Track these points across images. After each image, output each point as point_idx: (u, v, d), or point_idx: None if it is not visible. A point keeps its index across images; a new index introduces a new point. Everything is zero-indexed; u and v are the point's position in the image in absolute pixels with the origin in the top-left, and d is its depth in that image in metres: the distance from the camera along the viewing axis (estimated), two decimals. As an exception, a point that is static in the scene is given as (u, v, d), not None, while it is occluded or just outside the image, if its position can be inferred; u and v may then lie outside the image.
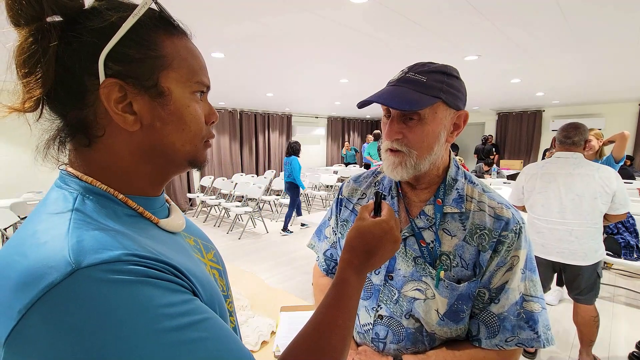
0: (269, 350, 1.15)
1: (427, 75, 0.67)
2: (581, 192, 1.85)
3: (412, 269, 0.73)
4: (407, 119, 0.69)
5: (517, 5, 2.07)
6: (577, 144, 1.92)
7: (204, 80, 0.45)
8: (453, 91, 0.69)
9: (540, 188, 1.98)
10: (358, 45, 2.89)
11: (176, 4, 1.94)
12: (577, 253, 1.89)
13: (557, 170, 1.94)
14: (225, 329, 0.38)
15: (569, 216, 1.89)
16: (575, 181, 1.87)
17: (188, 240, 0.51)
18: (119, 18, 0.38)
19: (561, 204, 1.90)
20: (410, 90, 0.67)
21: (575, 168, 1.89)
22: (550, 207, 1.94)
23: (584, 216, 1.86)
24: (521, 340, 0.68)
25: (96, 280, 0.30)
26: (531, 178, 2.04)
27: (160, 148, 0.43)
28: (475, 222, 0.71)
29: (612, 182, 1.82)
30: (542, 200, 1.98)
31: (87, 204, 0.38)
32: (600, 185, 1.82)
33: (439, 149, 0.71)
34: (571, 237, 1.89)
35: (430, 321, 0.72)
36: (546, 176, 1.97)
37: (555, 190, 1.92)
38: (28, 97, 0.37)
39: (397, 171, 0.71)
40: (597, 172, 1.84)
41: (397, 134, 0.69)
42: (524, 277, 0.70)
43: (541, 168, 2.01)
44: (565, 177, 1.90)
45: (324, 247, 0.96)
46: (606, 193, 1.82)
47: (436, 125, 0.69)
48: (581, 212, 1.86)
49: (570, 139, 1.93)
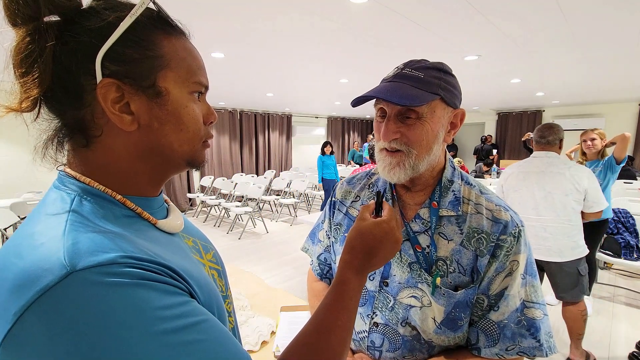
0: (269, 350, 1.15)
1: (423, 71, 0.65)
2: (552, 189, 1.92)
3: (408, 275, 0.70)
4: (404, 118, 0.65)
5: (518, 5, 2.07)
6: (551, 143, 1.99)
7: (202, 81, 0.45)
8: (450, 88, 0.67)
9: (515, 186, 2.06)
10: (358, 45, 2.89)
11: (176, 4, 1.94)
12: (552, 249, 1.94)
13: (531, 169, 2.01)
14: (223, 331, 0.37)
15: (542, 212, 1.95)
16: (547, 179, 1.95)
17: (187, 241, 0.51)
18: (117, 18, 0.38)
19: (535, 201, 1.97)
20: (408, 86, 0.64)
21: (548, 166, 1.96)
22: (526, 205, 2.01)
23: (556, 212, 1.92)
24: (522, 349, 0.65)
25: (91, 283, 0.30)
26: (509, 177, 2.12)
27: (158, 148, 0.42)
28: (472, 225, 0.68)
29: (582, 180, 1.88)
30: (517, 198, 2.05)
31: (85, 205, 0.38)
32: (571, 183, 1.88)
33: (437, 148, 0.68)
34: (545, 234, 1.95)
35: (427, 329, 0.69)
36: (521, 175, 2.05)
37: (529, 187, 2.00)
38: (25, 97, 0.37)
39: (395, 172, 0.68)
40: (568, 170, 1.91)
41: (394, 134, 0.66)
42: (525, 283, 0.67)
43: (517, 167, 2.10)
44: (538, 175, 1.97)
45: (318, 251, 0.93)
46: (577, 191, 1.88)
47: (435, 124, 0.66)
48: (554, 208, 1.92)
49: (544, 138, 2.00)
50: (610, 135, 2.79)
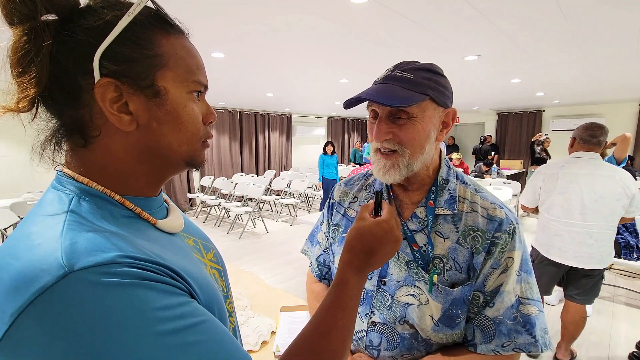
0: (269, 350, 1.15)
1: (413, 72, 0.66)
2: (603, 194, 1.80)
3: (405, 273, 0.71)
4: (395, 119, 0.67)
5: (518, 5, 2.07)
6: (601, 144, 1.88)
7: (201, 80, 0.44)
8: (440, 88, 0.67)
9: (560, 189, 1.91)
10: (358, 45, 2.89)
11: (176, 4, 1.94)
12: (595, 257, 1.85)
13: (579, 170, 1.87)
14: (223, 332, 0.37)
15: (590, 218, 1.83)
16: (597, 182, 1.82)
17: (187, 240, 0.51)
18: (114, 16, 0.37)
19: (583, 205, 1.84)
20: (398, 87, 0.65)
21: (596, 169, 1.84)
22: (571, 209, 1.87)
23: (604, 217, 1.81)
24: (518, 345, 0.66)
25: (89, 283, 0.30)
26: (550, 178, 1.96)
27: (157, 148, 0.42)
28: (468, 223, 0.69)
29: (631, 185, 1.80)
30: (561, 201, 1.90)
31: (83, 205, 0.38)
32: (621, 187, 1.79)
33: (430, 148, 0.70)
34: (591, 240, 1.84)
35: (424, 327, 0.70)
36: (567, 176, 1.89)
37: (577, 191, 1.85)
38: (22, 96, 0.37)
39: (390, 174, 0.69)
40: (617, 173, 1.81)
41: (386, 134, 0.67)
42: (520, 279, 0.68)
43: (561, 168, 1.94)
44: (587, 178, 1.84)
45: (317, 253, 0.94)
46: (626, 195, 1.79)
47: (426, 124, 0.67)
48: (602, 213, 1.81)
49: (596, 138, 1.87)
50: (610, 136, 2.79)
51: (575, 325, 2.04)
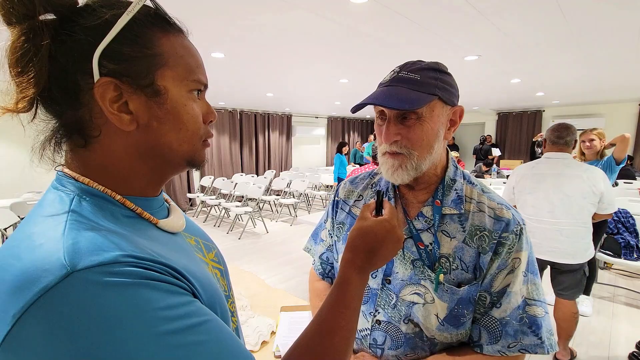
0: (269, 350, 1.15)
1: (419, 73, 0.66)
2: (570, 192, 1.89)
3: (411, 272, 0.71)
4: (404, 119, 0.67)
5: (518, 5, 2.07)
6: (568, 144, 1.97)
7: (201, 79, 0.44)
8: (447, 87, 0.68)
9: (530, 188, 2.02)
10: (358, 45, 2.89)
11: (176, 4, 1.94)
12: (567, 252, 1.93)
13: (547, 171, 1.98)
14: (226, 331, 0.37)
15: (559, 216, 1.92)
16: (564, 181, 1.91)
17: (189, 240, 0.51)
18: (113, 15, 0.37)
19: (551, 203, 1.94)
20: (405, 89, 0.65)
21: (565, 169, 1.93)
22: (541, 207, 1.98)
23: (573, 215, 1.90)
24: (524, 346, 0.66)
25: (92, 282, 0.29)
26: (522, 179, 2.07)
27: (158, 148, 0.42)
28: (474, 223, 0.69)
29: (599, 183, 1.87)
30: (532, 200, 2.01)
31: (84, 205, 0.37)
32: (589, 186, 1.87)
33: (439, 147, 0.70)
34: (561, 237, 1.93)
35: (429, 326, 0.70)
36: (536, 177, 2.01)
37: (545, 190, 1.96)
38: (21, 97, 0.36)
39: (398, 174, 0.69)
40: (585, 172, 1.89)
41: (395, 136, 0.67)
42: (526, 280, 0.68)
43: (531, 169, 2.05)
44: (555, 178, 1.94)
45: (320, 250, 0.94)
46: (594, 194, 1.87)
47: (434, 123, 0.67)
48: (571, 211, 1.90)
49: (562, 139, 1.97)
50: (610, 136, 2.79)
51: (567, 322, 2.07)
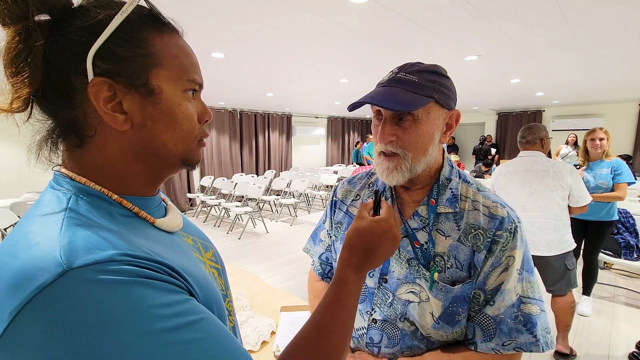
0: (269, 350, 1.15)
1: (418, 75, 0.66)
2: (537, 187, 2.00)
3: (406, 271, 0.72)
4: (400, 121, 0.67)
5: (518, 5, 2.07)
6: (531, 143, 2.08)
7: (196, 79, 0.44)
8: (445, 90, 0.68)
9: (504, 185, 2.14)
10: (358, 45, 2.89)
11: (176, 4, 1.94)
12: (541, 244, 2.00)
13: (517, 168, 2.10)
14: (222, 329, 0.37)
15: (529, 209, 2.02)
16: (531, 177, 2.02)
17: (186, 239, 0.51)
18: (107, 16, 0.37)
19: (522, 198, 2.04)
20: (402, 90, 0.65)
21: (533, 165, 2.04)
22: (514, 203, 2.05)
23: (542, 209, 1.99)
24: (519, 344, 0.66)
25: (88, 280, 0.30)
26: (498, 176, 2.21)
27: (153, 148, 0.42)
28: (469, 221, 0.69)
29: (565, 177, 1.95)
30: (505, 196, 2.10)
31: (81, 204, 0.38)
32: (555, 179, 1.96)
33: (433, 149, 0.70)
34: (533, 229, 2.01)
35: (425, 324, 0.71)
36: (509, 174, 2.13)
37: (516, 186, 2.08)
38: (16, 97, 0.36)
39: (393, 176, 0.69)
40: (552, 167, 1.99)
41: (390, 136, 0.67)
42: (521, 278, 0.68)
43: (506, 167, 2.18)
44: (524, 174, 2.05)
45: (319, 251, 0.94)
46: (561, 187, 1.96)
47: (430, 126, 0.67)
48: (539, 205, 1.99)
49: (523, 138, 2.11)
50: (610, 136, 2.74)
51: (563, 312, 2.11)
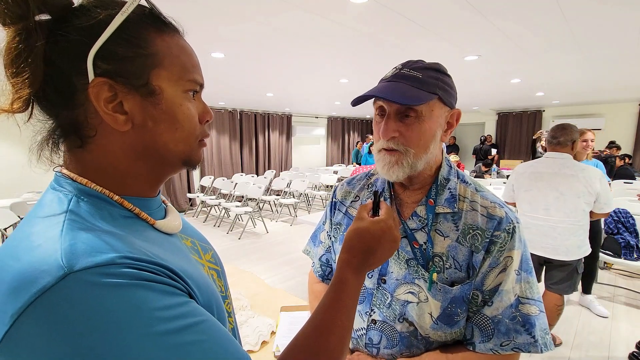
0: (269, 350, 1.15)
1: (421, 71, 0.67)
2: (565, 191, 1.94)
3: (405, 271, 0.71)
4: (403, 117, 0.67)
5: (518, 6, 2.07)
6: (562, 144, 2.00)
7: (197, 79, 0.44)
8: (447, 88, 0.68)
9: (527, 186, 2.08)
10: (358, 45, 2.89)
11: (176, 3, 1.94)
12: (560, 248, 1.97)
13: (544, 170, 2.03)
14: (222, 331, 0.37)
15: (553, 213, 1.98)
16: (560, 180, 1.96)
17: (185, 241, 0.51)
18: (108, 16, 0.37)
19: (546, 201, 2.00)
20: (407, 85, 0.65)
21: (562, 168, 1.97)
22: (536, 205, 2.04)
23: (567, 214, 1.95)
24: (517, 345, 0.66)
25: (89, 283, 0.30)
26: (520, 176, 2.14)
27: (154, 148, 0.42)
28: (468, 222, 0.69)
29: (595, 183, 1.90)
30: (528, 197, 2.08)
31: (82, 206, 0.38)
32: (584, 185, 1.90)
33: (434, 147, 0.70)
34: (554, 233, 1.98)
35: (424, 325, 0.71)
36: (533, 175, 2.07)
37: (540, 188, 2.02)
38: (17, 97, 0.36)
39: (393, 171, 0.69)
40: (581, 172, 1.92)
41: (393, 132, 0.67)
42: (519, 279, 0.68)
43: (529, 167, 2.12)
44: (551, 177, 2.00)
45: (319, 253, 0.94)
46: (589, 193, 1.91)
47: (433, 123, 0.67)
48: (564, 210, 1.95)
49: (556, 139, 2.02)
50: (610, 136, 2.78)
51: (549, 312, 2.11)
